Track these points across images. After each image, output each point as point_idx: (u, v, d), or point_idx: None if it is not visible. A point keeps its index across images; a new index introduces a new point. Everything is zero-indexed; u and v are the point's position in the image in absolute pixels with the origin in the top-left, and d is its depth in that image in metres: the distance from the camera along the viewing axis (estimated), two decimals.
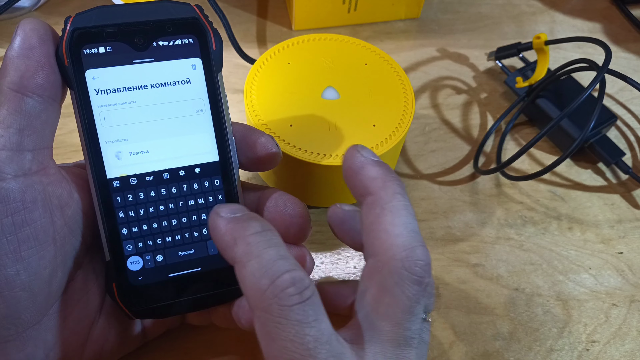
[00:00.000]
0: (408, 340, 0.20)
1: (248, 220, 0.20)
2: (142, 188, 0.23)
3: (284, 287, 0.18)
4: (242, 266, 0.19)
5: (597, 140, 0.38)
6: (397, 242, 0.20)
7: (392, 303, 0.20)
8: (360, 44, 0.35)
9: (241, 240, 0.19)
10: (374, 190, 0.22)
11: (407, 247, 0.20)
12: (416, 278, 0.20)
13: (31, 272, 0.21)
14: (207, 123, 0.23)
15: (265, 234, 0.20)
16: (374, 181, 0.22)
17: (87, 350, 0.24)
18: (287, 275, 0.18)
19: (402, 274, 0.20)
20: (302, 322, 0.18)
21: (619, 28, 0.49)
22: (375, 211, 0.21)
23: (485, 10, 0.49)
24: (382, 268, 0.20)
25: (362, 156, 0.22)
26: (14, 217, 0.20)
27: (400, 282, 0.20)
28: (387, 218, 0.21)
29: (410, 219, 0.21)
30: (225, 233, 0.20)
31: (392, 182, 0.22)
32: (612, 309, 0.32)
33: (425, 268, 0.20)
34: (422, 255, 0.20)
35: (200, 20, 0.22)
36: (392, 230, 0.20)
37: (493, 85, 0.43)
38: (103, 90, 0.22)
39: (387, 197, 0.21)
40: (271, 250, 0.19)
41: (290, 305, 0.18)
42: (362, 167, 0.22)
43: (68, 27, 0.21)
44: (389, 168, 0.22)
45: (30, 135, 0.20)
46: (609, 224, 0.36)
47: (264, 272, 0.18)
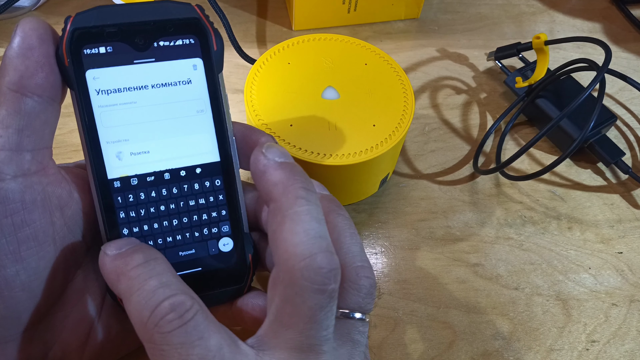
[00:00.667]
0: (314, 347, 0.20)
1: (131, 255, 0.20)
2: (143, 188, 0.23)
3: (163, 315, 0.18)
4: (127, 301, 0.19)
5: (597, 140, 0.38)
6: (296, 252, 0.20)
7: (294, 313, 0.20)
8: (360, 44, 0.35)
9: (123, 276, 0.20)
10: (275, 196, 0.21)
11: (307, 256, 0.19)
12: (317, 287, 0.19)
13: (31, 273, 0.21)
14: (208, 123, 0.23)
15: (148, 264, 0.20)
16: (275, 187, 0.21)
17: (87, 350, 0.24)
18: (166, 303, 0.19)
19: (302, 284, 0.19)
20: (184, 344, 0.18)
21: (619, 28, 0.49)
22: (276, 219, 0.20)
23: (485, 10, 0.49)
24: (283, 278, 0.20)
25: (265, 158, 0.21)
26: (13, 217, 0.20)
27: (300, 293, 0.19)
28: (287, 226, 0.20)
29: (312, 224, 0.20)
30: (109, 270, 0.20)
31: (294, 185, 0.21)
32: (612, 308, 0.32)
33: (327, 275, 0.19)
34: (323, 262, 0.19)
35: (201, 20, 0.22)
36: (291, 239, 0.20)
37: (493, 85, 0.43)
38: (104, 91, 0.22)
39: (287, 204, 0.20)
40: (152, 281, 0.19)
41: (170, 331, 0.18)
42: (264, 172, 0.21)
43: (68, 27, 0.21)
44: (294, 169, 0.21)
45: (29, 136, 0.20)
46: (609, 224, 0.36)
47: (144, 304, 0.19)
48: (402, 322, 0.31)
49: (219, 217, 0.24)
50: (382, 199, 0.36)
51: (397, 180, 0.37)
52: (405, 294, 0.32)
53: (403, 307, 0.32)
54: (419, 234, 0.35)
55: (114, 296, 0.23)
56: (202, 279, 0.24)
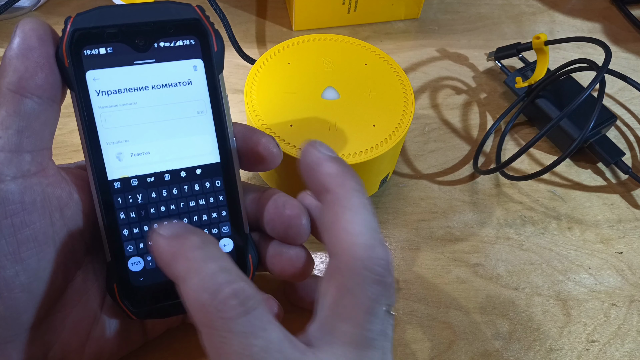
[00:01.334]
0: (370, 341, 0.20)
1: (188, 236, 0.20)
2: (143, 189, 0.23)
3: (225, 300, 0.18)
4: (183, 283, 0.18)
5: (597, 140, 0.38)
6: (357, 241, 0.20)
7: (353, 304, 0.20)
8: (360, 44, 0.35)
9: (181, 257, 0.19)
10: (332, 187, 0.21)
11: (368, 246, 0.20)
12: (377, 278, 0.20)
13: (31, 274, 0.21)
14: (208, 124, 0.23)
15: (206, 247, 0.19)
16: (332, 178, 0.21)
17: (88, 351, 0.24)
18: (228, 288, 0.18)
19: (363, 274, 0.19)
20: (247, 333, 0.18)
21: (618, 28, 0.49)
22: (334, 209, 0.21)
23: (485, 10, 0.49)
24: (342, 268, 0.20)
25: (319, 152, 0.22)
26: (13, 218, 0.20)
27: (362, 283, 0.19)
28: (347, 216, 0.20)
29: (369, 216, 0.21)
30: (165, 251, 0.19)
31: (350, 179, 0.21)
32: (612, 308, 0.32)
33: (386, 267, 0.20)
34: (382, 254, 0.20)
35: (202, 21, 0.22)
36: (351, 229, 0.20)
37: (493, 86, 0.43)
38: (104, 92, 0.22)
39: (345, 195, 0.21)
40: (211, 264, 0.19)
41: (233, 317, 0.18)
42: (319, 164, 0.22)
43: (68, 28, 0.21)
44: (346, 164, 0.22)
45: (29, 137, 0.20)
46: (609, 224, 0.36)
47: (204, 287, 0.18)
48: (402, 322, 0.31)
49: (219, 218, 0.24)
50: (382, 199, 0.36)
51: (397, 180, 0.37)
52: (405, 294, 0.32)
53: (403, 307, 0.32)
54: (419, 234, 0.35)
55: (114, 296, 0.23)
56: None
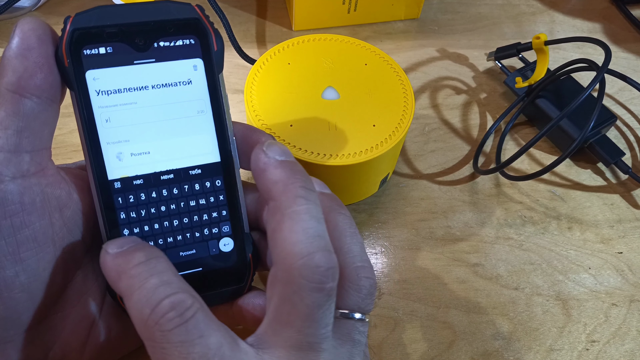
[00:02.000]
0: (313, 345, 0.20)
1: (132, 253, 0.20)
2: (143, 189, 0.23)
3: (163, 313, 0.18)
4: (127, 299, 0.19)
5: (597, 140, 0.38)
6: (294, 250, 0.20)
7: (292, 312, 0.20)
8: (360, 44, 0.35)
9: (124, 274, 0.20)
10: (275, 195, 0.21)
11: (304, 255, 0.19)
12: (315, 286, 0.19)
13: (30, 274, 0.21)
14: (208, 124, 0.23)
15: (149, 262, 0.20)
16: (275, 185, 0.21)
17: (87, 350, 0.24)
18: (166, 301, 0.19)
19: (299, 282, 0.19)
20: (185, 342, 0.18)
21: (618, 28, 0.49)
22: (275, 217, 0.21)
23: (485, 10, 0.49)
24: (281, 277, 0.20)
25: (266, 157, 0.22)
26: (12, 219, 0.20)
27: (299, 291, 0.19)
28: (287, 224, 0.20)
29: (311, 223, 0.20)
30: (111, 269, 0.20)
31: (295, 184, 0.21)
32: (612, 308, 0.32)
33: (325, 274, 0.20)
34: (321, 261, 0.20)
35: (202, 20, 0.22)
36: (290, 238, 0.20)
37: (493, 86, 0.43)
38: (104, 91, 0.22)
39: (287, 202, 0.20)
40: (153, 279, 0.19)
41: (170, 329, 0.18)
42: (264, 170, 0.21)
43: (68, 27, 0.21)
44: (294, 168, 0.21)
45: (28, 137, 0.20)
46: (609, 224, 0.36)
47: (145, 302, 0.19)
48: (402, 322, 0.31)
49: (220, 218, 0.24)
50: (382, 199, 0.36)
51: (397, 180, 0.37)
52: (405, 294, 0.32)
53: (403, 307, 0.32)
54: (419, 234, 0.35)
55: (114, 295, 0.23)
56: (203, 279, 0.24)
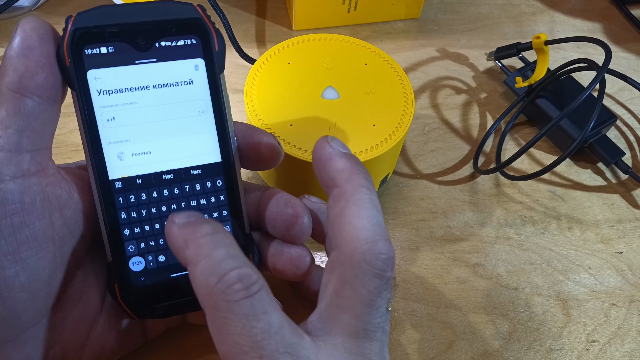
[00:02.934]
0: (369, 333, 0.20)
1: (200, 224, 0.20)
2: (144, 189, 0.23)
3: (230, 283, 0.18)
4: (193, 266, 0.19)
5: (597, 140, 0.38)
6: (359, 235, 0.20)
7: (353, 296, 0.20)
8: (360, 44, 0.35)
9: (192, 243, 0.20)
10: (340, 182, 0.22)
11: (370, 240, 0.20)
12: (377, 272, 0.20)
13: (30, 273, 0.21)
14: (209, 124, 0.23)
15: (216, 235, 0.20)
16: (341, 173, 0.22)
17: (88, 350, 0.24)
18: (234, 272, 0.19)
19: (363, 267, 0.20)
20: (249, 315, 0.18)
21: (619, 28, 0.49)
22: (340, 203, 0.21)
23: (485, 10, 0.49)
24: (343, 260, 0.20)
25: (330, 147, 0.22)
26: (12, 218, 0.20)
27: (361, 275, 0.20)
28: (352, 210, 0.21)
29: (374, 212, 0.21)
30: (178, 237, 0.20)
31: (359, 174, 0.22)
32: (612, 308, 0.32)
33: (387, 262, 0.20)
34: (384, 248, 0.20)
35: (203, 20, 0.22)
36: (355, 223, 0.20)
37: (493, 85, 0.43)
38: (105, 91, 0.22)
39: (352, 190, 0.21)
40: (220, 250, 0.19)
41: (236, 300, 0.18)
42: (329, 159, 0.22)
43: (69, 27, 0.21)
44: (357, 160, 0.22)
45: (29, 136, 0.20)
46: (609, 224, 0.36)
47: (212, 271, 0.19)
48: (402, 322, 0.31)
49: (221, 218, 0.24)
50: (382, 199, 0.36)
51: (397, 180, 0.37)
52: (405, 294, 0.32)
53: (403, 307, 0.32)
54: (419, 234, 0.35)
55: (115, 296, 0.23)
56: None
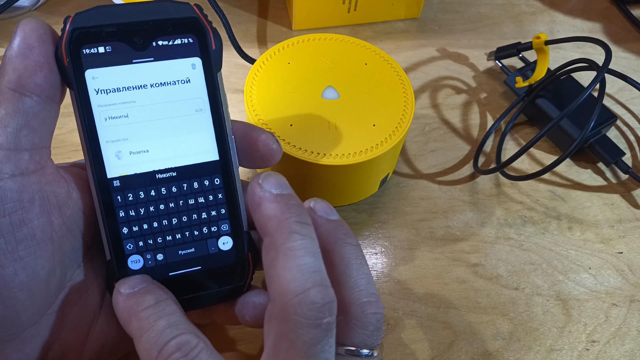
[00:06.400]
0: None
1: (143, 295, 0.21)
2: (142, 187, 0.23)
3: (169, 354, 0.19)
4: (137, 341, 0.20)
5: (597, 140, 0.38)
6: (288, 288, 0.19)
7: (289, 348, 0.20)
8: (360, 43, 0.35)
9: (134, 317, 0.21)
10: (269, 231, 0.21)
11: (299, 292, 0.19)
12: (311, 322, 0.19)
13: (29, 272, 0.21)
14: (206, 122, 0.23)
15: (158, 305, 0.21)
16: (270, 221, 0.21)
17: (87, 350, 0.24)
18: (172, 342, 0.20)
19: (296, 320, 0.19)
20: None
21: (619, 28, 0.49)
22: (270, 254, 0.20)
23: (485, 10, 0.49)
24: (278, 314, 0.20)
25: (261, 190, 0.21)
26: (11, 216, 0.20)
27: (295, 328, 0.19)
28: (281, 262, 0.20)
29: (307, 259, 0.20)
30: (123, 310, 0.21)
31: (289, 219, 0.20)
32: (612, 308, 0.32)
33: (321, 309, 0.19)
34: (316, 297, 0.19)
35: (200, 19, 0.22)
36: (284, 275, 0.20)
37: (493, 85, 0.43)
38: (103, 90, 0.22)
39: (281, 239, 0.20)
40: (161, 322, 0.20)
41: None
42: (258, 204, 0.21)
43: (67, 27, 0.21)
44: (289, 201, 0.21)
45: (28, 135, 0.20)
46: (609, 224, 0.36)
47: (152, 344, 0.20)
48: (402, 322, 0.31)
49: (219, 216, 0.24)
50: (382, 199, 0.36)
51: (397, 180, 0.37)
52: (405, 294, 0.32)
53: (403, 307, 0.32)
54: (419, 234, 0.35)
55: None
56: (202, 278, 0.24)
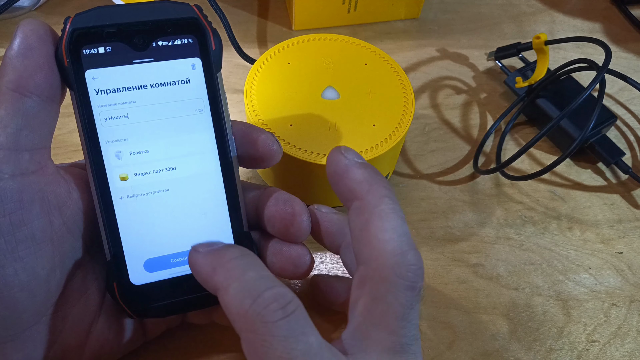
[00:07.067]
0: (405, 347, 0.20)
1: (226, 249, 0.20)
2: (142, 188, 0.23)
3: (266, 304, 0.18)
4: (224, 292, 0.19)
5: (597, 140, 0.38)
6: (387, 248, 0.19)
7: (386, 311, 0.19)
8: (360, 44, 0.35)
9: (220, 268, 0.20)
10: (360, 194, 0.21)
11: (398, 253, 0.19)
12: (409, 284, 0.19)
13: (29, 272, 0.21)
14: (206, 122, 0.23)
15: (244, 257, 0.20)
16: (360, 185, 0.21)
17: (87, 350, 0.24)
18: (268, 292, 0.18)
19: (394, 281, 0.19)
20: (288, 337, 0.18)
21: (619, 28, 0.49)
22: (363, 217, 0.20)
23: (485, 10, 0.49)
24: (373, 276, 0.20)
25: (346, 159, 0.22)
26: (11, 216, 0.20)
27: (393, 290, 0.19)
28: (376, 223, 0.20)
29: (399, 222, 0.20)
30: (204, 264, 0.20)
31: (379, 184, 0.21)
32: (612, 308, 0.32)
33: (417, 272, 0.20)
34: (414, 259, 0.20)
35: (200, 20, 0.22)
36: (381, 236, 0.20)
37: (493, 85, 0.43)
38: (103, 91, 0.22)
39: (374, 201, 0.20)
40: (251, 272, 0.19)
41: (274, 321, 0.18)
42: (346, 171, 0.21)
43: (67, 28, 0.21)
44: (375, 170, 0.22)
45: (28, 135, 0.20)
46: (609, 224, 0.36)
47: (245, 293, 0.18)
48: None
49: (219, 216, 0.24)
50: None
51: (397, 180, 0.37)
52: None
53: None
54: (419, 234, 0.35)
55: (114, 295, 0.23)
56: None
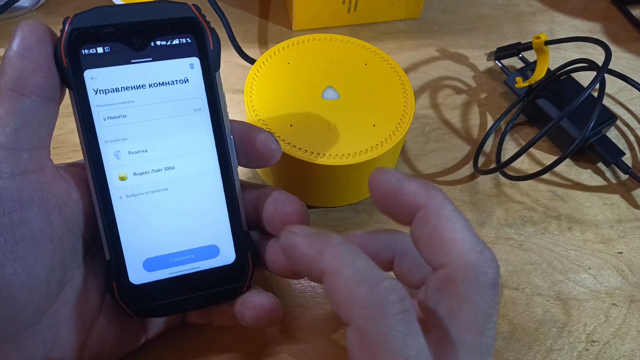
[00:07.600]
0: (489, 348, 0.19)
1: (329, 234, 0.19)
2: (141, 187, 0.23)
3: (386, 295, 0.17)
4: (335, 276, 0.18)
5: (597, 140, 0.38)
6: (465, 247, 0.19)
7: (474, 311, 0.19)
8: (360, 44, 0.35)
9: (328, 251, 0.19)
10: (422, 203, 0.20)
11: (477, 251, 0.19)
12: (492, 282, 0.19)
13: (29, 272, 0.21)
14: (205, 122, 0.23)
15: (349, 245, 0.19)
16: (419, 195, 0.20)
17: (87, 350, 0.24)
18: (386, 283, 0.17)
19: (479, 279, 0.19)
20: (405, 334, 0.17)
21: (619, 28, 0.49)
22: (430, 223, 0.20)
23: (485, 10, 0.49)
24: (455, 277, 0.19)
25: (392, 176, 0.21)
26: (10, 216, 0.20)
27: (479, 288, 0.19)
28: (447, 226, 0.20)
29: (466, 222, 0.20)
30: (308, 246, 0.19)
31: (436, 191, 0.21)
32: (612, 308, 0.32)
33: (497, 269, 0.19)
34: (491, 255, 0.19)
35: (198, 19, 0.22)
36: (456, 237, 0.19)
37: (493, 85, 0.43)
38: (101, 90, 0.22)
39: (439, 207, 0.20)
40: (361, 260, 0.18)
41: (393, 314, 0.17)
42: (399, 186, 0.21)
43: (66, 28, 0.21)
44: (424, 180, 0.21)
45: (27, 135, 0.20)
46: (609, 224, 0.36)
47: (362, 280, 0.18)
48: None
49: (217, 215, 0.24)
50: None
51: None
52: None
53: None
54: None
55: (113, 295, 0.23)
56: (202, 278, 0.24)
